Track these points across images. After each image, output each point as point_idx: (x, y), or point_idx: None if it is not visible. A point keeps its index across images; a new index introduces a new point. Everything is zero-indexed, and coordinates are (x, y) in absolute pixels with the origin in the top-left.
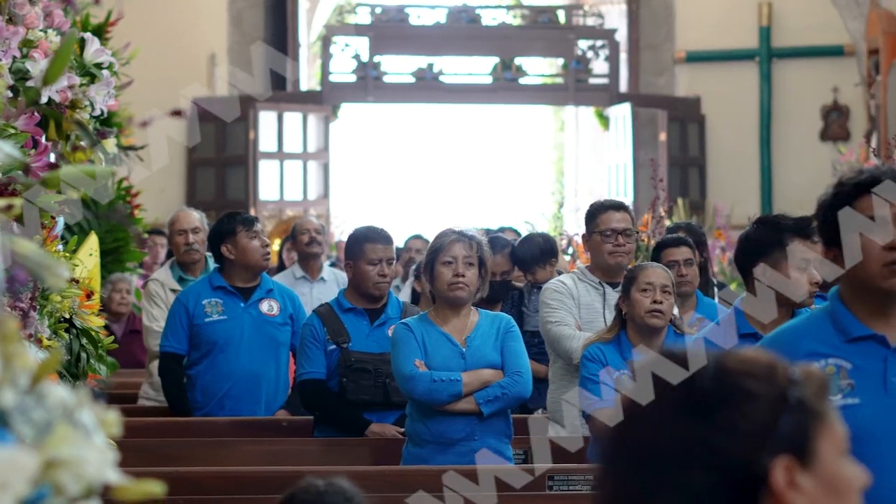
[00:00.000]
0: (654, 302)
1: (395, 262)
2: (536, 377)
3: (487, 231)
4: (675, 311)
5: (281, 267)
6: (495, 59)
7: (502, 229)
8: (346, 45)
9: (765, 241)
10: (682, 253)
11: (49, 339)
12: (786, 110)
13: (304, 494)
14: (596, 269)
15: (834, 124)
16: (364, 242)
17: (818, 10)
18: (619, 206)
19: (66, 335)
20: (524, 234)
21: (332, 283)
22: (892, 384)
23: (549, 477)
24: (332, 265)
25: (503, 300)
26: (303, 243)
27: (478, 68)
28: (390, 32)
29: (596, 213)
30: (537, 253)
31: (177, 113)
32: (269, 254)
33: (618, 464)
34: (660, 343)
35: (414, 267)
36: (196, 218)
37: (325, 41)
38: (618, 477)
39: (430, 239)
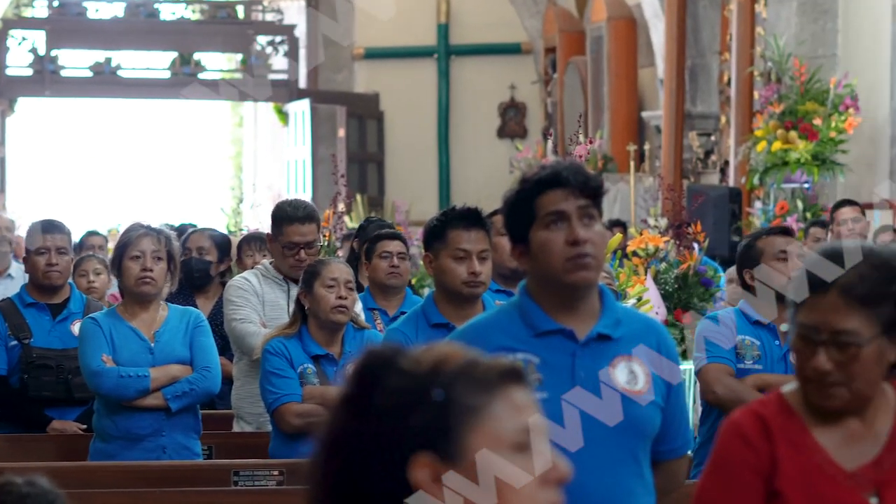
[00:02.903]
0: (339, 297)
1: (69, 253)
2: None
3: (170, 227)
4: (357, 307)
5: None
6: (174, 54)
7: (183, 226)
8: (24, 39)
9: (432, 231)
10: (396, 246)
11: None
12: (464, 107)
13: (5, 496)
14: (279, 267)
15: (511, 121)
16: (34, 234)
17: (496, 8)
18: (305, 219)
19: None
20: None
21: (19, 279)
22: (580, 378)
23: (235, 472)
24: None
25: (205, 285)
26: None
27: (157, 63)
28: (68, 26)
29: (281, 223)
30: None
31: None
32: None
33: (317, 457)
34: (340, 338)
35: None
36: None
37: (2, 34)
38: (318, 469)
39: (107, 234)
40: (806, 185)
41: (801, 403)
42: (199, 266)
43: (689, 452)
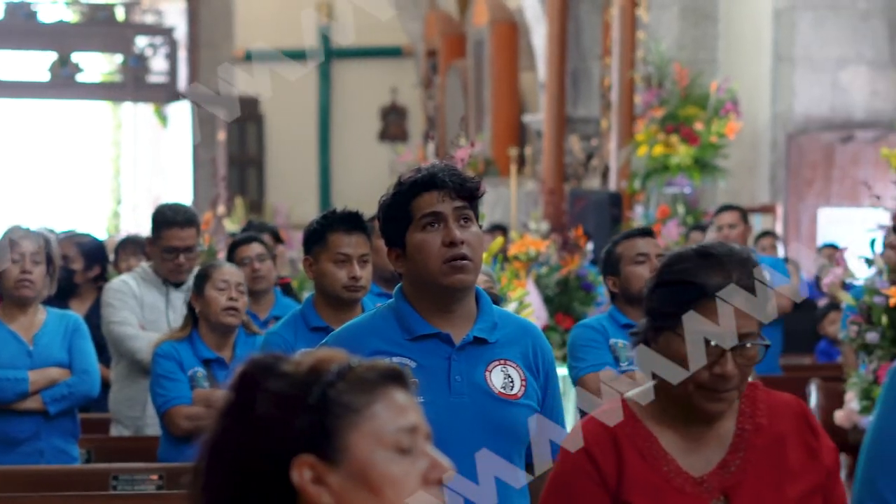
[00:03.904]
0: (230, 300)
1: None
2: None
3: (52, 232)
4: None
5: None
6: (53, 55)
7: (66, 233)
8: None
9: (312, 235)
10: (253, 249)
11: None
12: (344, 110)
13: None
14: (158, 270)
15: (392, 125)
16: None
17: (377, 11)
18: (185, 223)
19: None
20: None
21: None
22: (456, 383)
23: (114, 476)
24: None
25: (74, 295)
26: None
27: (35, 64)
28: None
29: (161, 227)
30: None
31: None
32: None
33: (200, 463)
34: (232, 342)
35: None
36: None
37: None
38: (200, 475)
39: None
40: (687, 190)
41: (647, 411)
42: (60, 276)
43: None
